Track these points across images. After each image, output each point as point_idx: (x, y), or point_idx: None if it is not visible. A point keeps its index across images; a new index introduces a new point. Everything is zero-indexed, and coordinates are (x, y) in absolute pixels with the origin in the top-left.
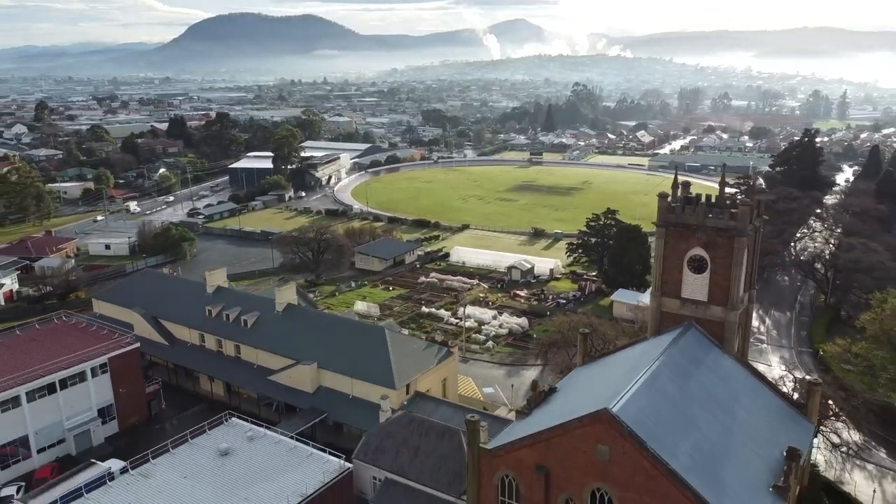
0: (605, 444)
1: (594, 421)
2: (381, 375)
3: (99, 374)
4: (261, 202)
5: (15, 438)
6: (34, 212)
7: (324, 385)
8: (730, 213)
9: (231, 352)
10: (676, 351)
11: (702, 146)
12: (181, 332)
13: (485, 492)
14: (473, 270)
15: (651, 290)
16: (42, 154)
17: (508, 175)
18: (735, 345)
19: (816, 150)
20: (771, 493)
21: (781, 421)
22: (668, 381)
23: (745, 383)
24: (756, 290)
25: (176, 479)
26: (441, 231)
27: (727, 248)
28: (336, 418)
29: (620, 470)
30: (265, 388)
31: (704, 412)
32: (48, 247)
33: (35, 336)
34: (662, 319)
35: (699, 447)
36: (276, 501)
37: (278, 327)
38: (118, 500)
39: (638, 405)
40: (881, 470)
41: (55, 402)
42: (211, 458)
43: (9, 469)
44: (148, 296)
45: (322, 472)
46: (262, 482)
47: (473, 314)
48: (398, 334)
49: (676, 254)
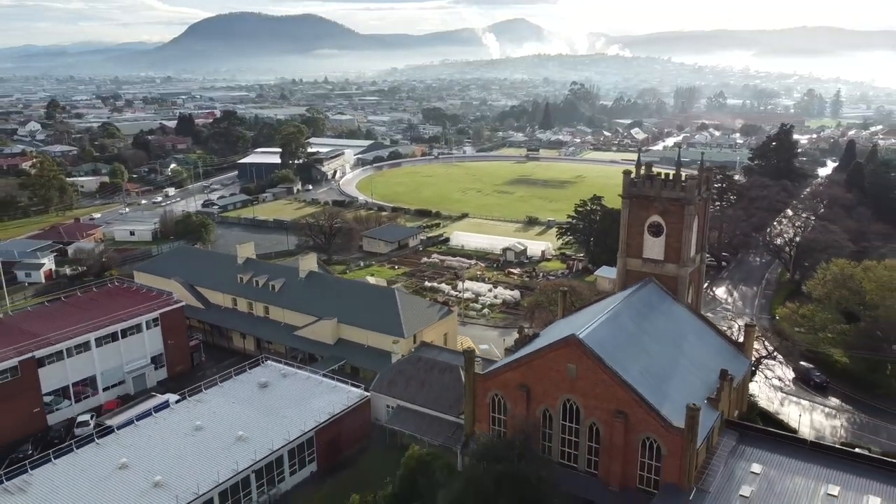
0: (573, 363)
1: (565, 345)
2: (392, 327)
3: (152, 327)
4: (271, 194)
5: (86, 377)
6: (57, 203)
7: (343, 337)
8: (681, 186)
9: (261, 312)
10: (636, 299)
11: (693, 143)
12: (215, 297)
13: (479, 409)
14: (472, 252)
15: (618, 252)
16: (57, 150)
17: (506, 170)
18: (687, 296)
19: (792, 143)
20: (706, 404)
21: (721, 354)
22: (627, 320)
23: (693, 326)
24: (728, 267)
25: (226, 405)
26: (441, 220)
27: (679, 215)
28: (354, 364)
29: (585, 383)
30: (292, 341)
31: (655, 344)
32: (78, 232)
33: (94, 297)
34: (627, 277)
35: (649, 368)
36: (309, 419)
37: (302, 291)
38: (180, 419)
39: (600, 334)
40: (813, 405)
41: (117, 349)
42: (253, 389)
43: (81, 403)
44: (184, 267)
45: (345, 399)
46: (297, 406)
47: (471, 287)
48: (406, 294)
49: (638, 221)
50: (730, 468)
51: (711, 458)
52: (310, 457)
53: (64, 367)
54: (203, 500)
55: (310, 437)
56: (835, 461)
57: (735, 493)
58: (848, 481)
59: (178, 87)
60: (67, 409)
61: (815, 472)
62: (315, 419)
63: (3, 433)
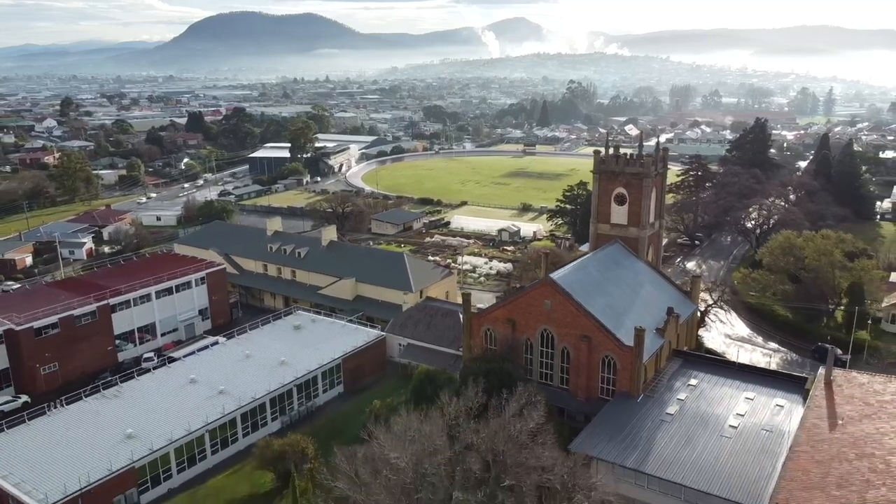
0: (548, 299)
1: (542, 285)
2: (402, 284)
3: (199, 285)
4: (282, 185)
5: (147, 324)
6: (83, 193)
7: (360, 294)
8: (640, 163)
9: (288, 276)
10: (603, 255)
11: (684, 139)
12: (248, 264)
13: (475, 340)
14: (470, 233)
15: (591, 219)
16: (75, 145)
17: (503, 163)
18: (647, 255)
19: (766, 136)
20: (654, 332)
21: (672, 299)
22: (594, 269)
23: (649, 277)
24: (701, 246)
25: (268, 340)
26: (442, 207)
27: (639, 187)
28: (370, 314)
29: (558, 315)
30: (316, 298)
31: (616, 288)
32: (111, 217)
33: (148, 262)
34: (598, 239)
35: (609, 305)
36: (337, 350)
37: (324, 256)
38: (232, 350)
39: (571, 278)
40: (754, 347)
41: (172, 302)
42: (289, 330)
43: (143, 345)
44: (219, 239)
45: (365, 337)
46: (325, 342)
47: (469, 261)
48: (413, 258)
49: (606, 192)
50: (673, 382)
51: (659, 376)
52: (338, 380)
53: (131, 314)
54: (258, 403)
55: (338, 364)
56: (755, 377)
57: (674, 397)
58: (762, 390)
59: (180, 85)
60: (132, 350)
61: (739, 384)
62: (342, 350)
63: (86, 365)
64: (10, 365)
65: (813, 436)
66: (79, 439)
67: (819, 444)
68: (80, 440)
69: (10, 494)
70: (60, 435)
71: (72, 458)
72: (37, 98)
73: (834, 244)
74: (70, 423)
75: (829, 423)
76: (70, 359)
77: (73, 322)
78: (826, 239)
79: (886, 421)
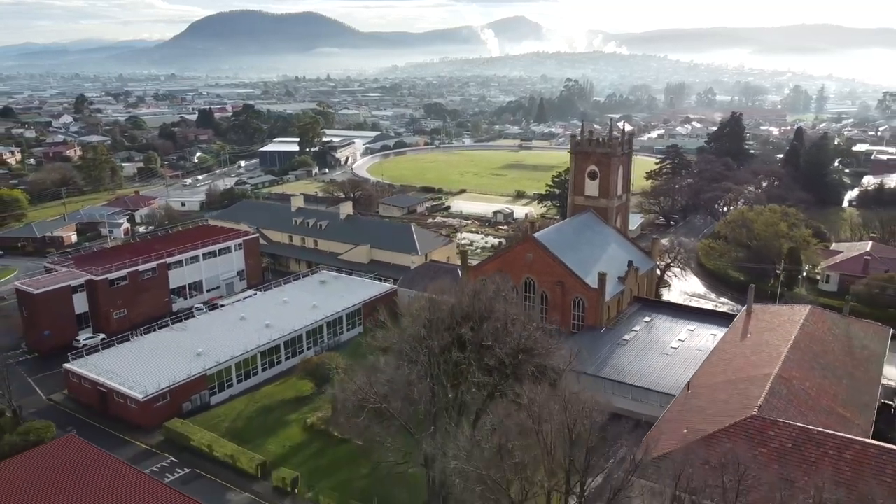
0: (530, 252)
1: (525, 241)
2: (409, 248)
3: (237, 250)
4: (293, 176)
5: (195, 280)
6: (108, 183)
7: (374, 259)
8: (608, 144)
9: (311, 245)
10: (577, 220)
11: (674, 134)
12: (275, 236)
13: None
14: (468, 216)
15: (568, 192)
16: (93, 140)
17: (501, 157)
18: (615, 222)
19: (741, 129)
20: (617, 280)
21: (633, 256)
22: (569, 231)
23: (616, 239)
24: (676, 225)
25: (297, 292)
26: (443, 195)
27: (608, 164)
28: (383, 275)
29: (538, 265)
30: (335, 263)
31: (587, 246)
32: (140, 202)
33: (189, 232)
34: (574, 209)
35: (580, 258)
36: (355, 299)
37: (343, 227)
38: (271, 297)
39: (549, 237)
40: (708, 300)
41: (215, 263)
42: (314, 284)
43: (191, 299)
44: (249, 215)
45: (380, 289)
46: (346, 294)
47: (468, 237)
48: (419, 228)
49: (581, 169)
50: (631, 319)
51: (620, 315)
52: (358, 322)
53: (183, 272)
54: (297, 335)
55: (358, 308)
56: (698, 316)
57: (630, 329)
58: (702, 324)
59: (183, 84)
60: (183, 303)
61: (684, 321)
62: (361, 298)
63: (148, 312)
64: (90, 309)
65: (727, 344)
66: (161, 356)
67: (729, 348)
68: (161, 356)
69: (115, 390)
70: (146, 353)
71: (158, 367)
72: (44, 96)
73: (780, 217)
74: (151, 346)
75: (740, 336)
76: (136, 306)
77: (138, 276)
78: (773, 213)
79: (779, 332)
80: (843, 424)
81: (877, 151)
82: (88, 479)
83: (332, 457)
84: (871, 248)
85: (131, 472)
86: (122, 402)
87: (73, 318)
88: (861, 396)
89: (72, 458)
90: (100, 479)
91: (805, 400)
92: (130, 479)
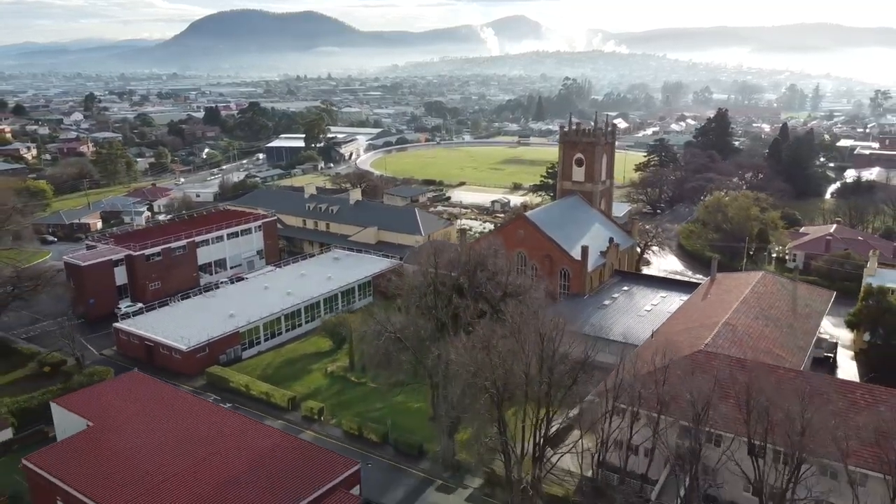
0: (521, 229)
1: (517, 219)
2: (413, 229)
3: (257, 231)
4: (300, 170)
5: (220, 258)
6: (123, 177)
7: (381, 239)
8: (593, 134)
9: (323, 228)
10: (564, 203)
11: (669, 131)
12: (290, 220)
13: None
14: (468, 205)
15: (557, 178)
16: (104, 136)
17: (499, 153)
18: (600, 205)
19: (726, 124)
20: (599, 254)
21: (615, 234)
22: (557, 211)
23: (599, 220)
24: (663, 213)
25: (315, 267)
26: (444, 187)
27: (592, 153)
28: (389, 253)
29: (528, 240)
30: (346, 244)
31: (573, 225)
32: (158, 193)
33: (211, 216)
34: (562, 192)
35: (566, 234)
36: (365, 272)
37: (352, 211)
38: (290, 271)
39: (538, 216)
40: (684, 276)
41: (237, 243)
42: (329, 260)
43: (217, 274)
44: (265, 201)
45: (388, 264)
46: (357, 268)
47: (467, 223)
48: (422, 211)
49: (569, 157)
50: (612, 289)
51: (602, 285)
52: (369, 292)
53: (209, 250)
54: (315, 301)
55: (369, 280)
56: (671, 285)
57: (610, 296)
58: (673, 292)
59: (185, 83)
60: (209, 278)
61: (658, 290)
62: (371, 271)
63: (179, 285)
64: (128, 281)
65: (689, 304)
66: (198, 316)
67: (690, 307)
68: (198, 316)
69: (161, 343)
70: (183, 315)
71: (196, 325)
72: (48, 95)
73: (751, 202)
74: (188, 309)
75: (702, 297)
76: (168, 280)
77: (170, 252)
78: (746, 198)
79: (734, 293)
80: (777, 361)
81: (860, 147)
82: (165, 401)
83: (351, 396)
84: (835, 230)
85: (193, 398)
86: (167, 353)
87: (114, 289)
88: (796, 342)
89: (141, 386)
90: (172, 399)
91: (747, 341)
92: (194, 401)
